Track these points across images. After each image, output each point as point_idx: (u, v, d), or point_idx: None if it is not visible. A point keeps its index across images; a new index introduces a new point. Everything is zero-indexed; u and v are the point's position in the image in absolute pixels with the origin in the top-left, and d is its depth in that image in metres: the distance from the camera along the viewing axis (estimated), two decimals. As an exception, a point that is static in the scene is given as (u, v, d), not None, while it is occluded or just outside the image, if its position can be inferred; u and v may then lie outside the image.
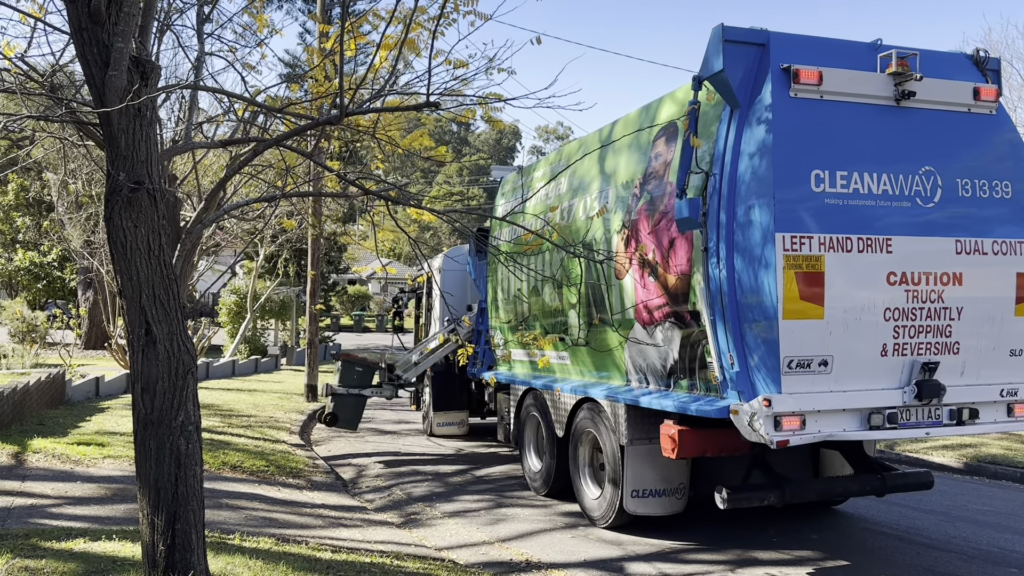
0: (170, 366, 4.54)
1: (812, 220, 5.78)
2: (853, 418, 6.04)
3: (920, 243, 6.12)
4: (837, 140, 6.05)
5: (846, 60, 6.25)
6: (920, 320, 6.17)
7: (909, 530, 8.19)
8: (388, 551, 6.93)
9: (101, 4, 4.30)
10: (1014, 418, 6.58)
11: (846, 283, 5.90)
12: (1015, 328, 6.49)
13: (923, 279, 6.15)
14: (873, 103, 6.26)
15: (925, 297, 6.17)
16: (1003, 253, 6.43)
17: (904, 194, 6.13)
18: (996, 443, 12.79)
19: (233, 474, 9.54)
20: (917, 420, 6.21)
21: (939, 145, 6.35)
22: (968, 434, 6.97)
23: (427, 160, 7.51)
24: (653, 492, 7.61)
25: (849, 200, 5.95)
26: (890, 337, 6.09)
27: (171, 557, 4.50)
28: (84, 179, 20.11)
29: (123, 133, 4.41)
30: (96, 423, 11.63)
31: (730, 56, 6.10)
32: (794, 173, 5.83)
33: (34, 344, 20.69)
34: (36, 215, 30.69)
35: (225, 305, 26.35)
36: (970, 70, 6.80)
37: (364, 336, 41.18)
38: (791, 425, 5.84)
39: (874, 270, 5.98)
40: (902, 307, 6.10)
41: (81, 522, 6.86)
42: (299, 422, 14.33)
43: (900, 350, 6.14)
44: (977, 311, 6.37)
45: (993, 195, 6.43)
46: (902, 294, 6.09)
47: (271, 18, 7.44)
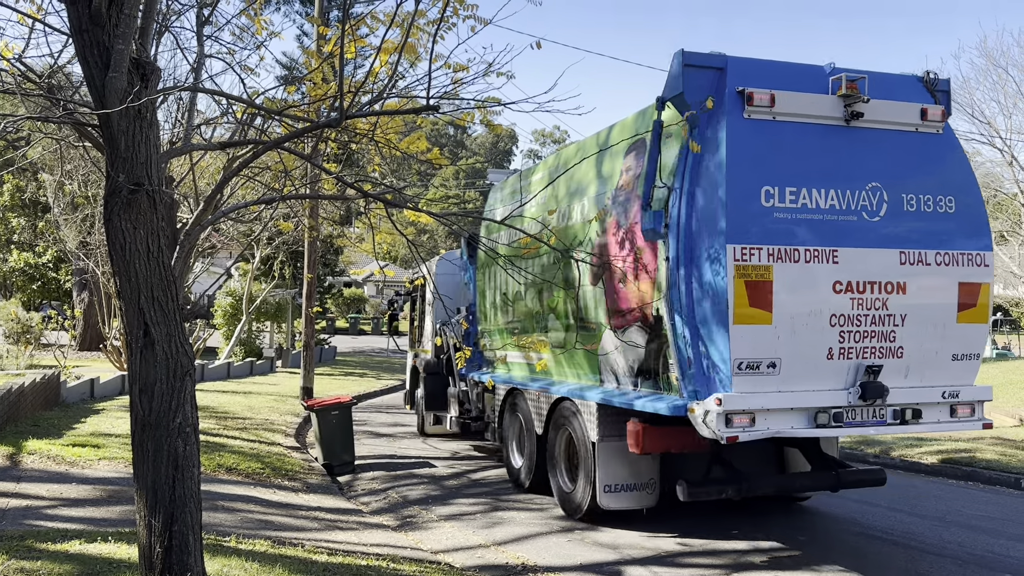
0: (168, 368, 4.54)
1: (761, 233, 6.25)
2: (801, 417, 6.45)
3: (865, 254, 6.56)
4: (788, 158, 6.48)
5: (800, 83, 6.67)
6: (865, 326, 6.61)
7: (904, 535, 8.21)
8: (384, 554, 6.93)
9: (102, 6, 4.30)
10: (957, 419, 7.02)
11: (793, 291, 6.33)
12: (957, 334, 6.91)
13: (868, 288, 6.58)
14: (824, 123, 6.70)
15: (870, 304, 6.61)
16: (946, 264, 6.84)
17: (851, 208, 6.57)
18: (990, 448, 12.82)
19: (229, 476, 9.52)
20: (862, 419, 6.65)
21: (886, 162, 6.77)
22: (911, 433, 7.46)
23: (423, 163, 7.53)
24: (624, 487, 7.95)
25: (797, 214, 6.40)
26: (836, 341, 6.51)
27: (168, 559, 4.50)
28: (80, 180, 20.09)
29: (123, 135, 4.42)
30: (91, 425, 11.60)
31: (690, 79, 6.58)
32: (745, 189, 6.28)
33: (29, 345, 20.64)
34: (32, 216, 30.63)
35: (221, 307, 26.30)
36: (920, 92, 7.19)
37: (360, 339, 41.16)
38: (741, 422, 6.29)
39: (820, 279, 6.42)
40: (847, 313, 6.53)
41: (77, 524, 6.85)
42: (294, 424, 14.31)
43: (845, 353, 6.56)
44: (921, 318, 6.80)
45: (937, 209, 6.86)
46: (847, 301, 6.52)
47: (269, 20, 7.45)
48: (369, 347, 35.80)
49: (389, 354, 32.24)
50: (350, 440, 11.59)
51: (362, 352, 32.92)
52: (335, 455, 11.44)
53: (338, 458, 11.45)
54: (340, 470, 11.36)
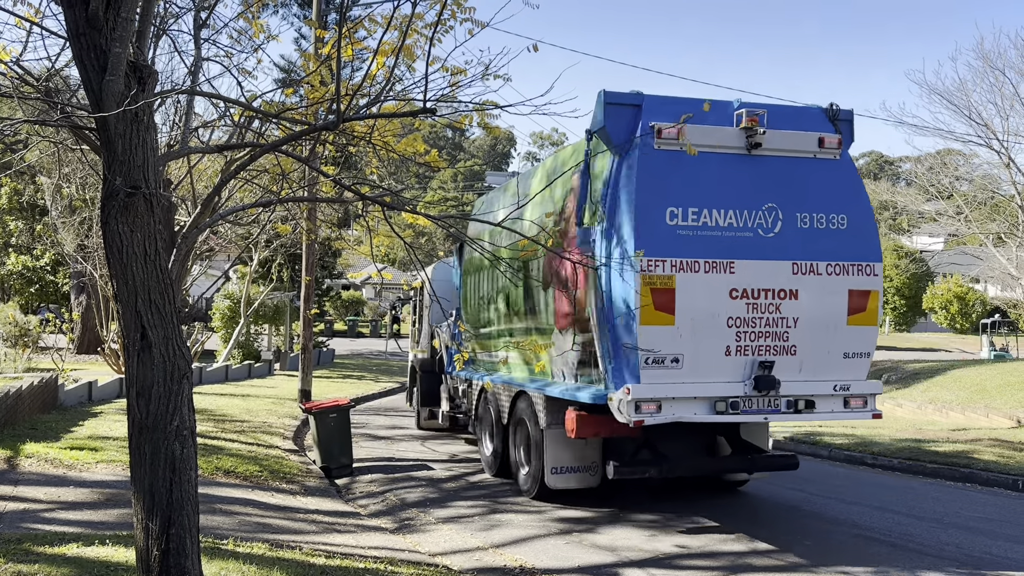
0: (165, 371, 4.54)
1: (666, 247, 7.24)
2: (702, 405, 7.44)
3: (759, 266, 7.54)
4: (692, 183, 7.47)
5: (709, 117, 7.55)
6: (759, 327, 7.59)
7: (902, 536, 8.21)
8: (382, 557, 6.93)
9: (99, 9, 4.31)
10: (850, 409, 7.92)
11: (694, 297, 7.28)
12: (848, 335, 7.84)
13: (762, 294, 7.58)
14: (727, 152, 7.71)
15: (764, 309, 7.59)
16: (837, 273, 7.80)
17: (747, 226, 7.57)
18: (989, 451, 12.84)
19: (227, 479, 9.51)
20: (758, 408, 7.64)
21: (783, 185, 7.73)
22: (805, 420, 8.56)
23: (421, 165, 7.54)
24: (568, 469, 9.00)
25: (698, 231, 7.41)
26: (732, 340, 7.52)
27: (165, 562, 4.49)
28: (78, 183, 20.08)
29: (120, 138, 4.42)
30: (89, 428, 11.59)
31: (611, 115, 7.61)
32: (652, 210, 7.30)
33: (26, 348, 20.61)
34: (29, 219, 30.60)
35: (219, 310, 26.28)
36: (823, 122, 8.17)
37: (358, 341, 41.12)
38: (649, 409, 7.31)
39: (718, 287, 7.38)
40: (743, 316, 7.52)
41: (74, 527, 6.84)
42: (292, 427, 14.30)
43: (741, 351, 7.55)
44: (813, 320, 7.76)
45: (830, 226, 7.83)
46: (743, 306, 7.51)
47: (267, 23, 7.45)
48: (367, 349, 35.77)
49: (387, 357, 32.21)
50: (348, 443, 11.58)
51: (360, 355, 32.90)
52: (333, 458, 11.44)
53: (336, 461, 11.44)
54: (338, 473, 11.36)
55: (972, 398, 17.41)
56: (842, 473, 12.16)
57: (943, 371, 20.32)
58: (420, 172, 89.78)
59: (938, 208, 30.68)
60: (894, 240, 62.72)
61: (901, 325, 53.78)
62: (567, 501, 9.27)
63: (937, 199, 30.25)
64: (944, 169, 29.50)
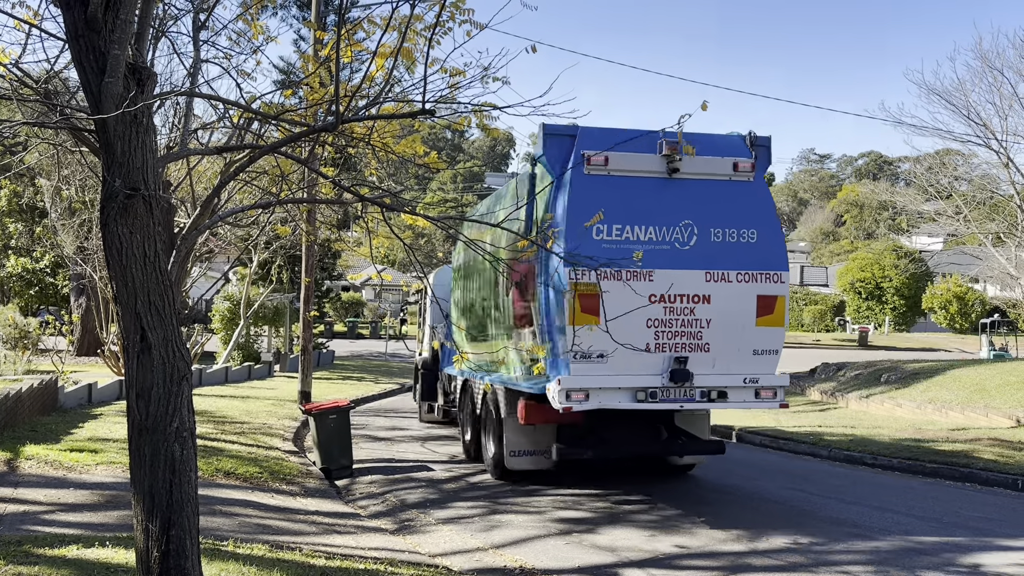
0: (165, 372, 4.54)
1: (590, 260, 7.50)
2: (625, 394, 8.53)
3: (675, 274, 8.54)
4: (616, 203, 8.42)
5: (636, 145, 8.59)
6: (675, 327, 8.64)
7: (902, 536, 8.21)
8: (382, 558, 6.93)
9: (98, 11, 4.31)
10: (760, 400, 8.93)
11: (617, 301, 7.91)
12: (757, 334, 8.86)
13: (678, 299, 8.62)
14: (650, 176, 8.75)
15: (679, 311, 8.64)
16: (746, 281, 8.83)
17: (665, 240, 8.64)
18: (988, 450, 12.84)
19: (227, 480, 9.52)
20: (674, 397, 8.68)
21: (700, 204, 8.75)
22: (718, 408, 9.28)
23: (421, 167, 7.55)
24: (525, 452, 10.12)
25: (621, 245, 8.35)
26: (652, 339, 8.57)
27: (165, 564, 4.50)
28: (77, 185, 20.09)
29: (119, 140, 4.42)
30: (89, 429, 11.59)
31: (549, 145, 8.74)
32: (580, 227, 8.21)
33: (26, 350, 20.61)
34: (29, 221, 30.60)
35: (218, 312, 26.28)
36: (741, 148, 9.12)
37: (358, 343, 41.12)
38: (577, 397, 8.43)
39: (639, 292, 8.15)
40: (661, 318, 8.59)
41: (74, 529, 6.84)
42: (292, 429, 14.30)
43: (660, 348, 8.63)
44: (724, 321, 8.75)
45: (741, 240, 8.85)
46: (661, 309, 8.57)
47: (266, 25, 7.46)
48: (367, 351, 35.78)
49: (387, 358, 32.22)
50: (348, 444, 11.59)
51: (360, 356, 32.90)
52: (333, 459, 11.44)
53: (336, 462, 11.44)
54: (338, 474, 11.36)
55: (972, 398, 17.41)
56: (841, 473, 12.16)
57: (942, 371, 20.32)
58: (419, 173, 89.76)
59: (937, 208, 30.69)
60: (893, 240, 62.76)
61: (900, 325, 53.83)
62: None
63: (936, 199, 30.27)
64: (943, 169, 29.51)
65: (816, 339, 47.08)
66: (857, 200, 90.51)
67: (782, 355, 9.03)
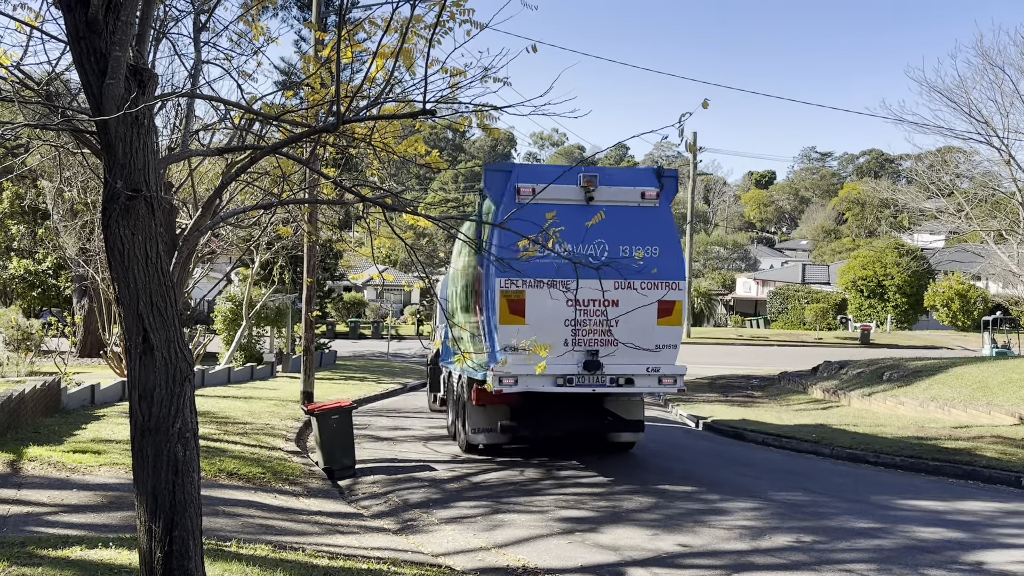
0: (167, 373, 4.55)
1: (519, 271, 9.41)
2: (548, 380, 10.41)
3: (589, 284, 9.51)
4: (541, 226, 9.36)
5: (562, 179, 10.51)
6: (589, 327, 10.65)
7: (904, 535, 8.21)
8: (385, 557, 6.93)
9: (99, 13, 4.31)
10: (663, 386, 10.88)
11: (539, 305, 10.39)
12: (658, 332, 10.79)
13: (591, 303, 10.54)
14: (570, 204, 10.45)
15: (592, 313, 10.61)
16: (649, 288, 10.70)
17: (582, 255, 9.45)
18: (991, 448, 12.83)
19: (229, 481, 9.52)
20: (588, 383, 10.65)
21: (612, 227, 10.12)
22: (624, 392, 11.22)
23: (422, 167, 7.56)
24: (482, 429, 12.09)
25: (545, 261, 9.04)
26: (570, 335, 10.62)
27: (168, 564, 4.50)
28: (79, 187, 20.12)
29: (120, 141, 4.43)
30: (92, 431, 11.60)
31: (489, 180, 10.91)
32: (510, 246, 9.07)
33: (29, 352, 20.64)
34: (31, 223, 30.63)
35: (220, 312, 26.29)
36: (650, 178, 11.04)
37: (360, 343, 41.12)
38: (508, 383, 10.43)
39: (558, 298, 10.16)
40: (577, 319, 10.62)
41: (77, 530, 6.85)
42: (295, 429, 14.31)
43: (576, 343, 10.65)
44: (631, 322, 10.63)
45: (646, 255, 10.52)
46: (578, 311, 10.55)
47: (267, 26, 7.46)
48: (369, 351, 35.78)
49: (389, 358, 32.23)
50: (350, 444, 11.59)
51: (362, 356, 32.91)
52: (336, 459, 11.44)
53: (339, 462, 11.45)
54: (341, 474, 11.36)
55: (974, 395, 17.39)
56: (844, 471, 12.15)
57: (945, 369, 20.31)
58: (421, 173, 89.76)
59: (939, 206, 30.66)
60: (895, 238, 62.70)
61: (903, 323, 53.80)
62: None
63: (938, 196, 30.23)
64: (944, 167, 29.48)
65: (818, 337, 47.08)
66: (859, 198, 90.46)
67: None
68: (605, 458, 12.47)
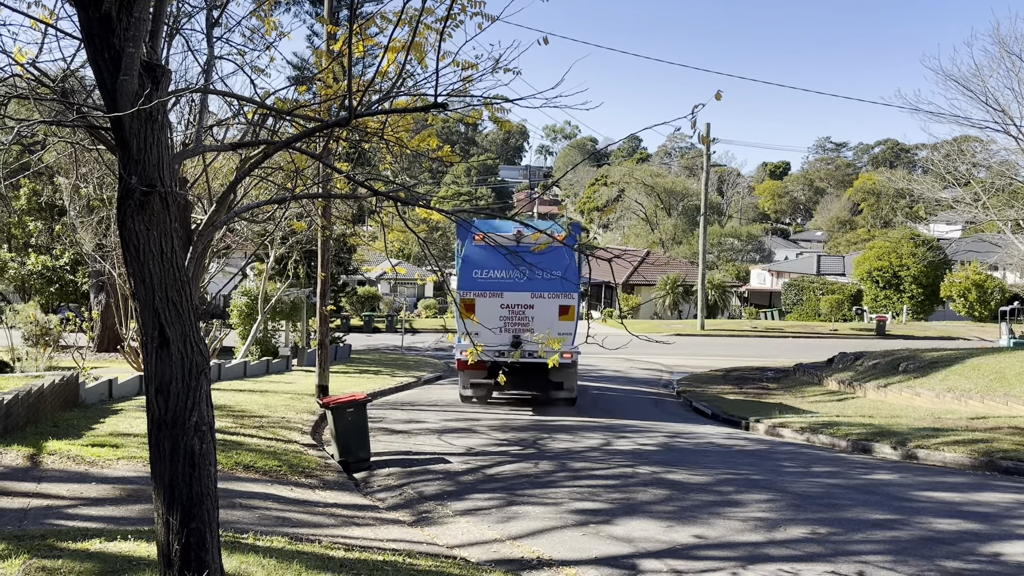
0: (183, 367, 4.58)
1: (471, 287, 17.17)
2: (490, 353, 15.26)
3: (516, 295, 17.07)
4: (488, 260, 17.00)
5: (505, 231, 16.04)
6: (515, 321, 17.21)
7: (921, 527, 8.17)
8: (400, 549, 6.97)
9: (112, 9, 4.34)
10: (564, 359, 16.21)
11: (484, 308, 16.98)
12: (559, 325, 17.04)
13: (517, 307, 17.21)
14: (507, 244, 13.44)
15: (517, 313, 17.23)
16: (552, 297, 17.19)
17: (511, 278, 16.88)
18: (1008, 439, 12.73)
19: (246, 474, 9.59)
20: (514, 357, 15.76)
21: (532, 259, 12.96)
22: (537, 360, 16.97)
23: (434, 160, 7.57)
24: (468, 387, 18.14)
25: (487, 280, 17.17)
26: (503, 326, 17.09)
27: (186, 556, 4.54)
28: (95, 183, 20.24)
29: (135, 137, 4.46)
30: (110, 425, 11.71)
31: (459, 231, 17.14)
32: (467, 271, 17.34)
33: (47, 347, 20.82)
34: (48, 219, 30.88)
35: (236, 307, 26.43)
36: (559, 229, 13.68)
37: (374, 337, 41.24)
38: (464, 355, 16.68)
39: (495, 303, 17.17)
40: (507, 316, 17.18)
41: (96, 523, 6.92)
42: (311, 422, 14.38)
43: (505, 331, 17.11)
44: (541, 318, 17.17)
45: (552, 276, 15.69)
46: (507, 311, 17.20)
47: (279, 21, 7.48)
48: (383, 344, 35.89)
49: (403, 351, 32.30)
50: (365, 437, 11.65)
51: (376, 350, 33.02)
52: (351, 452, 11.50)
53: (354, 455, 11.51)
54: (356, 467, 11.42)
55: (991, 386, 17.26)
56: (858, 462, 12.10)
57: (961, 359, 20.16)
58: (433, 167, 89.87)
59: (955, 195, 30.39)
60: (911, 228, 62.23)
61: (918, 314, 53.38)
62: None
63: (954, 186, 29.96)
64: (961, 156, 29.21)
65: (833, 328, 46.82)
66: (874, 188, 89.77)
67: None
68: (612, 457, 12.45)
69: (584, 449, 12.85)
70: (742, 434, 15.60)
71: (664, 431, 15.41)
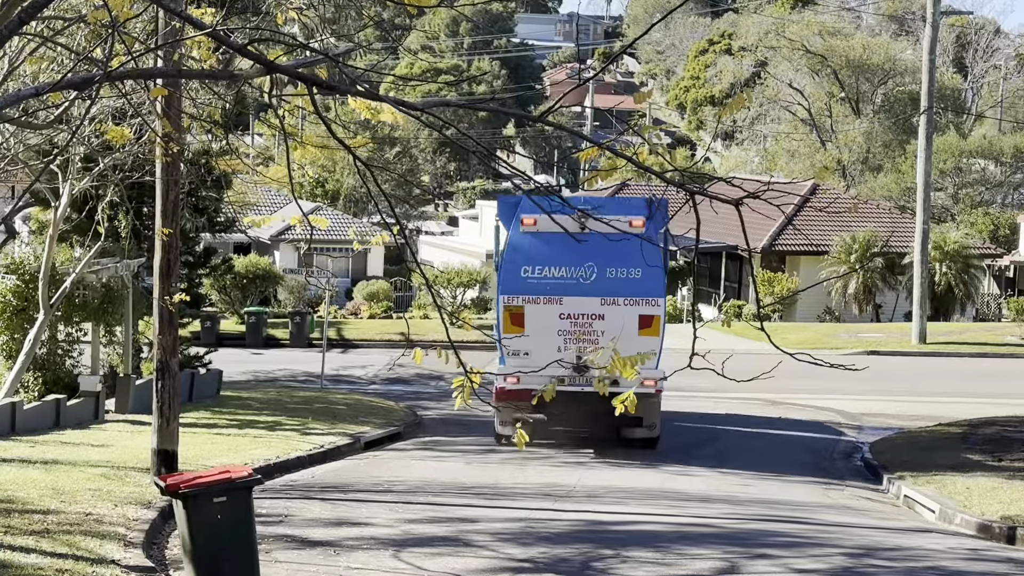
0: None
1: (519, 289, 25.12)
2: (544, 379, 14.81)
3: (579, 300, 24.85)
4: (540, 251, 25.39)
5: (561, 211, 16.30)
6: (578, 336, 24.89)
7: None
8: None
9: None
10: (644, 388, 20.95)
11: (536, 318, 24.86)
12: (639, 341, 22.42)
13: (580, 317, 25.02)
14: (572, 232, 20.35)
15: (581, 325, 25.01)
16: (631, 304, 24.77)
17: (573, 277, 25.00)
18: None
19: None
20: (578, 383, 21.92)
21: (601, 251, 22.09)
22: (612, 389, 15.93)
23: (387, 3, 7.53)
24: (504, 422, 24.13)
25: (541, 280, 25.14)
26: (562, 344, 24.54)
27: None
28: None
29: None
30: None
31: (502, 208, 27.06)
32: (513, 268, 25.46)
33: None
34: None
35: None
36: (641, 208, 24.78)
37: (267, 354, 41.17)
38: (512, 381, 22.91)
39: (552, 312, 25.06)
40: (568, 330, 25.04)
41: None
42: (144, 522, 14.47)
43: (566, 349, 24.29)
44: (614, 332, 22.24)
45: (628, 276, 24.44)
46: (568, 324, 25.07)
47: None
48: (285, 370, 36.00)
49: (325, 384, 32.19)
50: (251, 556, 11.72)
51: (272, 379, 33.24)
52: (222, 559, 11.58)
53: None
54: None
55: None
56: None
57: None
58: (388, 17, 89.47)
59: None
60: None
61: None
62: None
63: None
64: None
65: None
66: None
67: None
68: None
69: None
70: (1001, 550, 15.58)
71: (844, 544, 15.46)
